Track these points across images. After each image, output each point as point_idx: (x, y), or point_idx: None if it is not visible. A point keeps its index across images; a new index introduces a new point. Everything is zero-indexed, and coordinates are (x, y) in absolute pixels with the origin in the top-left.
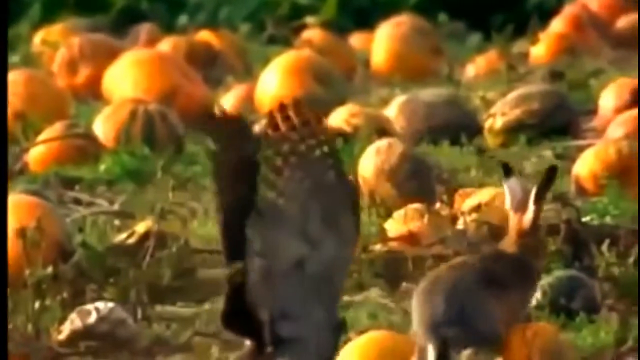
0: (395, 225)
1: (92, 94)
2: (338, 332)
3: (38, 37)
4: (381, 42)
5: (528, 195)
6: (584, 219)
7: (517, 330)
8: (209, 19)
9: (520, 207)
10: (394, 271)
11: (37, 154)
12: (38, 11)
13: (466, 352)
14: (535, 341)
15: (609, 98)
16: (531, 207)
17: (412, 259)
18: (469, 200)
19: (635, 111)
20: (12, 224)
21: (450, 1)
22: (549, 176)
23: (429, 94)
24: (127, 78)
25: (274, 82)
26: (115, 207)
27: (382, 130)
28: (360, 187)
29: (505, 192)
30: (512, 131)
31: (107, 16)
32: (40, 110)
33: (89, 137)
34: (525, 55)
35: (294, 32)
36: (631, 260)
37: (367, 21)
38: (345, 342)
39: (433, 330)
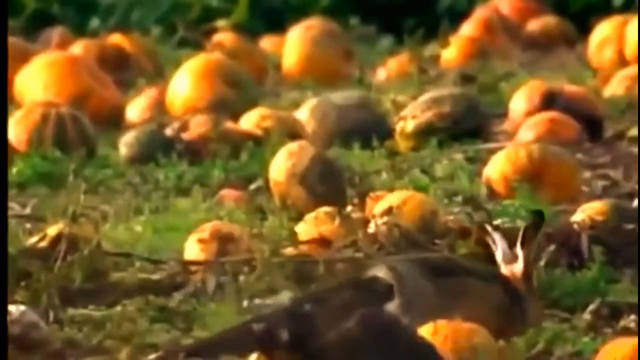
0: (306, 229)
1: None
2: None
3: None
4: (292, 45)
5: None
6: (495, 222)
7: (431, 329)
8: (120, 22)
9: (508, 258)
10: (305, 274)
11: None
12: None
13: None
14: (448, 341)
15: (519, 101)
16: (520, 254)
17: (323, 263)
18: (380, 203)
19: (545, 114)
20: None
21: (361, 4)
22: (535, 222)
23: (340, 97)
24: (38, 81)
25: (184, 85)
26: (27, 210)
27: (293, 133)
28: (272, 190)
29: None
30: (423, 134)
31: (18, 20)
32: None
33: None
34: (436, 59)
35: (205, 35)
36: (542, 262)
37: (278, 24)
38: None
39: None
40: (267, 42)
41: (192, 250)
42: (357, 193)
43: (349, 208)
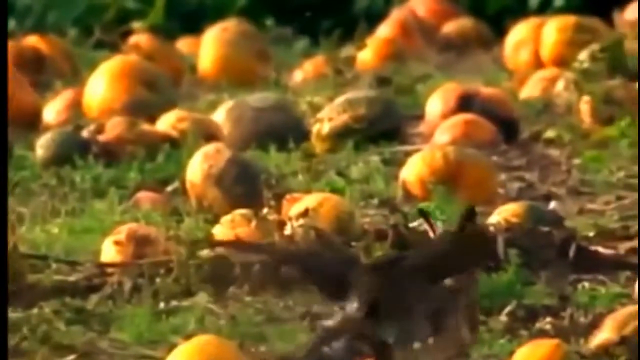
0: (222, 231)
1: None
2: None
3: None
4: (208, 47)
5: None
6: (411, 224)
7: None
8: (36, 24)
9: None
10: (222, 276)
11: None
12: None
13: None
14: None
15: (435, 103)
16: None
17: (239, 264)
18: (296, 205)
19: (461, 116)
20: None
21: (277, 6)
22: (467, 217)
23: (256, 99)
24: None
25: (101, 87)
26: None
27: (209, 135)
28: (188, 192)
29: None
30: (339, 136)
31: None
32: None
33: None
34: (352, 60)
35: (121, 37)
36: None
37: (194, 26)
38: (172, 347)
39: None
40: (183, 44)
41: (109, 252)
42: (273, 195)
43: (265, 210)
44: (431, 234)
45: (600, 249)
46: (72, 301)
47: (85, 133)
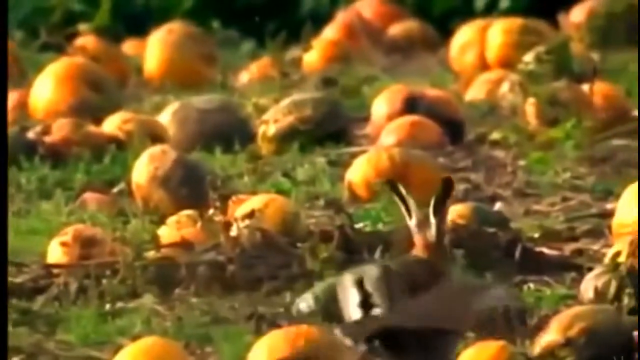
0: (168, 232)
1: None
2: None
3: None
4: (153, 49)
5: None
6: (357, 226)
7: (283, 332)
8: None
9: (422, 223)
10: (167, 278)
11: None
12: None
13: None
14: (299, 343)
15: (381, 105)
16: (432, 221)
17: (185, 266)
18: (242, 206)
19: (407, 118)
20: None
21: (223, 8)
22: (445, 188)
23: (202, 100)
24: None
25: (47, 88)
26: None
27: (155, 136)
28: (134, 193)
29: (405, 212)
30: (285, 138)
31: None
32: None
33: None
34: (298, 62)
35: (67, 39)
36: None
37: (140, 28)
38: (118, 349)
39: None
40: (129, 46)
41: (55, 253)
42: (219, 196)
43: (211, 211)
44: (403, 209)
45: (546, 250)
46: (18, 302)
47: (31, 134)
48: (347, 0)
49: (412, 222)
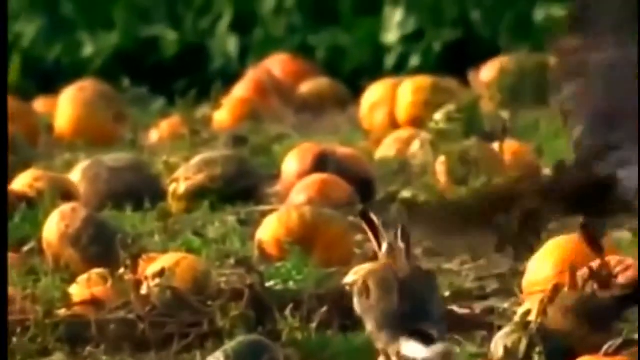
0: (79, 290)
1: None
2: None
3: None
4: (64, 107)
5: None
6: (267, 284)
7: None
8: None
9: (392, 250)
10: (78, 336)
11: None
12: None
13: None
14: None
15: (291, 163)
16: (401, 245)
17: (95, 324)
18: (153, 265)
19: (317, 176)
20: None
21: (133, 66)
22: (403, 214)
23: (113, 158)
24: None
25: None
26: None
27: (66, 194)
28: (45, 251)
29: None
30: (195, 196)
31: None
32: None
33: None
34: (208, 120)
35: None
36: (314, 324)
37: (51, 86)
38: None
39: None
40: (40, 104)
41: None
42: (129, 255)
43: (121, 270)
44: (373, 240)
45: (456, 309)
46: None
47: None
48: (257, 57)
49: (382, 251)
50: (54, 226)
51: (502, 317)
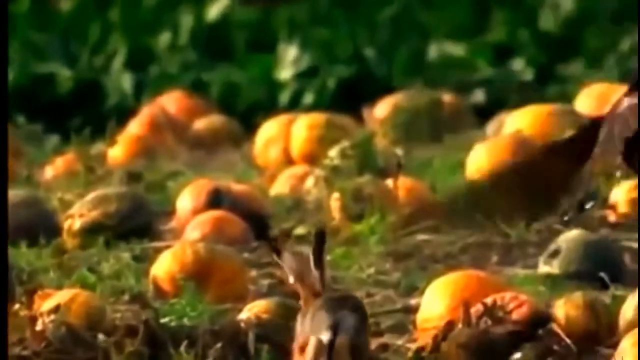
0: None
1: None
2: None
3: None
4: None
5: (305, 263)
6: (162, 320)
7: None
8: None
9: (301, 276)
10: None
11: None
12: None
13: None
14: None
15: (186, 200)
16: (315, 272)
17: None
18: (48, 301)
19: (211, 213)
20: None
21: (27, 103)
22: (319, 240)
23: (9, 195)
24: None
25: None
26: None
27: None
28: None
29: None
30: (90, 232)
31: None
32: None
33: None
34: (103, 157)
35: None
36: None
37: None
38: None
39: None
40: None
41: None
42: (24, 291)
43: (16, 306)
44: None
45: None
46: None
47: None
48: (152, 94)
49: (291, 278)
50: None
51: (396, 353)
